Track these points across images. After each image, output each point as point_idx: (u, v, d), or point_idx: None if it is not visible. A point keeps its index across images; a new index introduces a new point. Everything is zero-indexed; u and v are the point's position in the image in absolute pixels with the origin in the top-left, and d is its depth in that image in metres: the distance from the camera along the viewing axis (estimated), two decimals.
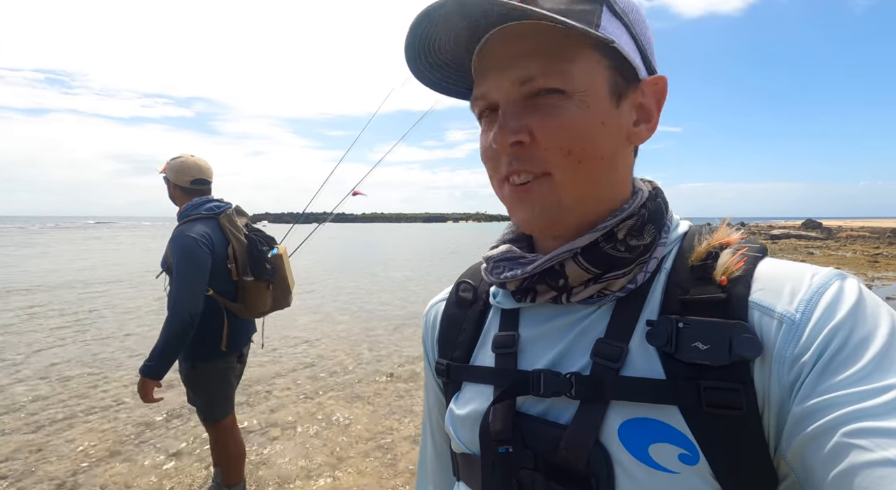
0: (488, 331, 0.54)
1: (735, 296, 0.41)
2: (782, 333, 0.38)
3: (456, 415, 0.53)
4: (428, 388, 0.65)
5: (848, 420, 0.33)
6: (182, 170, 2.13)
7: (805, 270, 0.41)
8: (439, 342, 0.59)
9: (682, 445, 0.39)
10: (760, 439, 0.38)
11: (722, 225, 0.47)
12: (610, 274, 0.45)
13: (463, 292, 0.59)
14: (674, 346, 0.41)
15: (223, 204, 2.16)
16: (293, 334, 6.12)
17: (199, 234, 1.96)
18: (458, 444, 0.52)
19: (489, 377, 0.51)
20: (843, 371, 0.35)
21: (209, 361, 2.07)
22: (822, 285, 0.39)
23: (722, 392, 0.38)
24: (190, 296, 1.89)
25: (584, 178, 0.44)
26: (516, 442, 0.45)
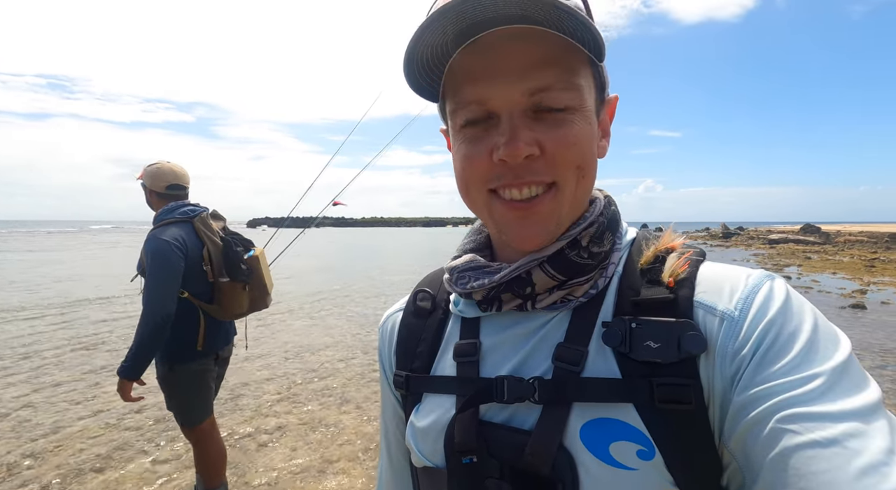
0: (449, 340, 0.54)
1: (681, 296, 0.43)
2: (723, 329, 0.40)
3: (417, 427, 0.51)
4: (385, 402, 0.63)
5: (781, 407, 0.35)
6: (157, 176, 2.17)
7: (741, 272, 0.44)
8: (397, 353, 0.57)
9: (639, 442, 0.40)
10: (707, 431, 0.40)
11: (667, 231, 0.50)
12: (574, 280, 0.46)
13: (421, 301, 0.58)
14: (628, 346, 0.42)
15: (198, 208, 2.19)
16: (285, 338, 6.10)
17: (172, 237, 2.00)
18: (420, 458, 0.51)
19: (451, 386, 0.50)
20: (776, 363, 0.37)
21: (185, 363, 2.08)
22: (756, 285, 0.42)
23: (673, 388, 0.40)
24: (162, 297, 1.92)
25: (583, 192, 0.46)
26: (481, 451, 0.45)
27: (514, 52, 0.41)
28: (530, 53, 0.40)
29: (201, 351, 2.09)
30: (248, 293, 2.22)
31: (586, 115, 0.43)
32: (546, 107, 0.42)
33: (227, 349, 2.30)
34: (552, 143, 0.42)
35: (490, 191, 0.46)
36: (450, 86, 0.45)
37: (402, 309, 0.60)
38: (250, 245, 2.30)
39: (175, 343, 2.01)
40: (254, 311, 2.29)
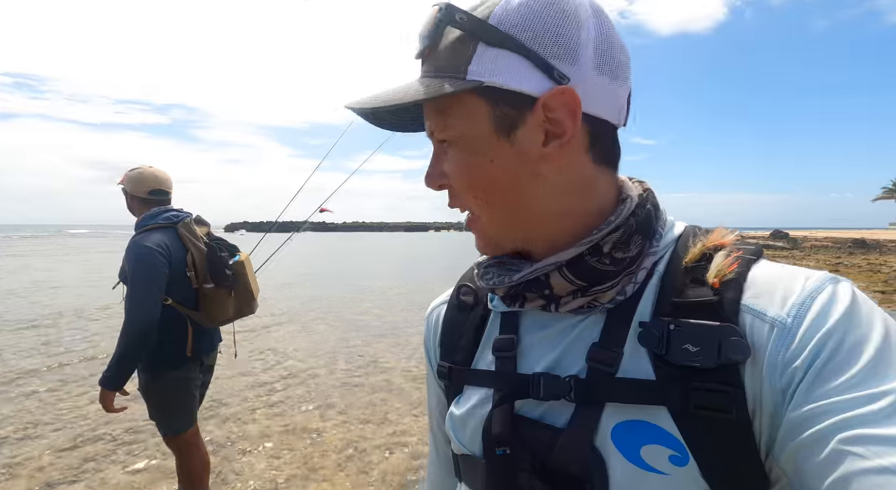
0: (489, 334, 0.55)
1: (727, 299, 0.41)
2: (773, 338, 0.38)
3: (456, 417, 0.53)
4: (430, 390, 0.65)
5: (843, 427, 0.32)
6: (139, 180, 2.14)
7: (798, 274, 0.41)
8: (441, 345, 0.59)
9: (672, 447, 0.39)
10: (751, 443, 0.38)
11: (718, 227, 0.47)
12: (596, 287, 0.45)
13: (464, 296, 0.59)
14: (664, 348, 0.41)
15: (182, 213, 2.16)
16: (267, 345, 6.01)
17: (155, 244, 1.97)
18: (458, 445, 0.53)
19: (489, 380, 0.51)
20: (837, 377, 0.34)
21: (170, 370, 2.05)
22: (815, 289, 0.39)
23: (710, 394, 0.38)
24: (145, 305, 1.88)
25: (494, 213, 0.47)
26: (514, 444, 0.46)
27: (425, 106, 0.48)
28: (426, 106, 0.47)
29: (189, 358, 2.06)
30: (233, 299, 2.20)
31: (468, 144, 0.45)
32: (439, 141, 0.47)
33: (212, 356, 2.27)
34: (448, 174, 0.47)
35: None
36: None
37: (446, 302, 0.62)
38: (235, 250, 2.28)
39: (159, 351, 1.98)
40: (240, 317, 2.27)
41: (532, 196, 0.46)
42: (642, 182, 0.52)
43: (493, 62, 0.41)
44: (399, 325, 7.27)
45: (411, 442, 3.35)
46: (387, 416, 3.83)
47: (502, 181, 0.45)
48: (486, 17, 0.42)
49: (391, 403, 4.09)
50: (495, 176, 0.45)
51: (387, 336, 6.58)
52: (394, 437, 3.44)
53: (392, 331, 6.87)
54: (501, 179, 0.45)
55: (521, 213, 0.47)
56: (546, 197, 0.46)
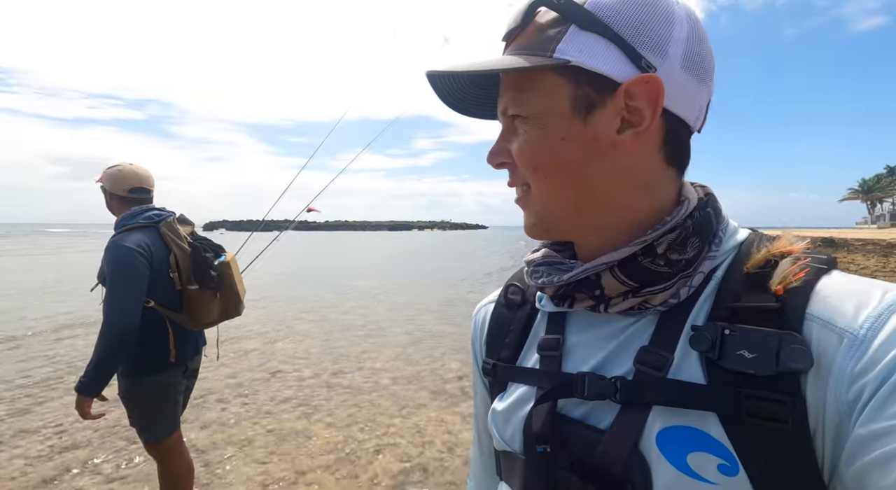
0: (536, 333, 0.55)
1: (790, 306, 0.39)
2: (843, 348, 0.36)
3: (498, 413, 0.53)
4: (476, 388, 0.66)
5: None
6: (119, 178, 2.05)
7: (875, 287, 0.39)
8: (487, 343, 0.60)
9: (721, 456, 0.38)
10: (810, 457, 0.36)
11: (785, 234, 0.45)
12: (648, 288, 0.44)
13: (512, 295, 0.60)
14: (717, 353, 0.39)
15: (164, 212, 2.08)
16: (251, 346, 5.90)
17: (136, 244, 1.89)
18: (499, 442, 0.53)
19: (533, 378, 0.51)
20: None
21: (152, 375, 1.98)
22: (894, 303, 0.36)
23: (765, 402, 0.36)
24: (124, 308, 1.80)
25: (554, 191, 0.47)
26: (554, 442, 0.46)
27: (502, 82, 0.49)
28: (504, 83, 0.48)
29: (173, 363, 1.99)
30: (218, 301, 2.13)
31: (540, 122, 0.45)
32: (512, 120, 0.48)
33: (196, 360, 2.20)
34: (514, 151, 0.47)
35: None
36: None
37: (493, 301, 0.63)
38: (221, 250, 2.21)
39: (140, 355, 1.90)
40: (225, 319, 2.20)
41: (595, 178, 0.45)
42: (704, 186, 0.51)
43: (583, 44, 0.42)
44: (384, 324, 7.23)
45: (401, 443, 3.33)
46: (375, 417, 3.79)
47: (569, 158, 0.45)
48: (583, 2, 0.43)
49: (379, 404, 4.06)
50: (563, 152, 0.45)
51: (372, 336, 6.53)
52: (383, 438, 3.41)
53: (378, 331, 6.82)
54: (568, 156, 0.45)
55: (580, 193, 0.46)
56: (610, 184, 0.46)
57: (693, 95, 0.45)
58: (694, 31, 0.45)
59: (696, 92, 0.45)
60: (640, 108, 0.43)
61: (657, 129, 0.44)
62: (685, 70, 0.43)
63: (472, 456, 0.69)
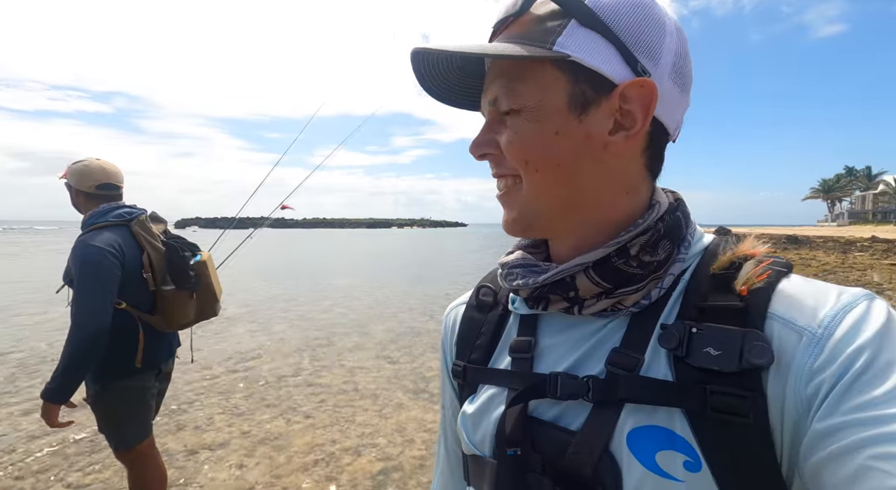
0: (507, 336, 0.55)
1: (753, 306, 0.40)
2: (802, 346, 0.37)
3: (468, 416, 0.53)
4: (444, 391, 0.65)
5: (873, 442, 0.31)
6: (85, 174, 1.95)
7: (831, 289, 0.41)
8: (457, 345, 0.59)
9: (685, 452, 0.39)
10: (769, 452, 0.37)
11: (749, 238, 0.46)
12: (622, 289, 0.45)
13: (483, 296, 0.59)
14: (685, 350, 0.40)
15: (135, 210, 2.00)
16: (226, 346, 5.75)
17: (106, 243, 1.80)
18: (469, 446, 0.53)
19: (505, 379, 0.51)
20: (868, 391, 0.33)
21: (121, 380, 1.90)
22: (849, 304, 0.38)
23: (728, 397, 0.37)
24: (94, 310, 1.71)
25: (543, 185, 0.46)
26: (526, 445, 0.46)
27: (490, 72, 0.48)
28: (492, 71, 0.47)
29: (140, 367, 1.92)
30: (194, 301, 2.06)
31: (535, 115, 0.44)
32: (503, 112, 0.46)
33: (170, 363, 2.12)
34: (502, 143, 0.47)
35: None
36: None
37: (465, 302, 0.62)
38: (196, 249, 2.13)
39: (111, 359, 1.82)
40: (201, 320, 2.13)
41: (585, 177, 0.46)
42: (674, 192, 0.53)
43: (582, 40, 0.42)
44: (364, 323, 7.16)
45: (380, 443, 3.31)
46: (354, 417, 3.76)
47: (561, 153, 0.45)
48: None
49: (358, 404, 4.02)
50: (556, 146, 0.44)
51: (352, 335, 6.47)
52: (362, 438, 3.39)
53: (357, 329, 6.75)
54: (561, 151, 0.44)
55: (570, 190, 0.46)
56: (598, 184, 0.46)
57: (677, 105, 0.46)
58: (681, 42, 0.46)
59: (679, 102, 0.46)
60: (632, 111, 0.44)
61: (643, 133, 0.45)
62: (672, 79, 0.45)
63: (438, 456, 0.68)
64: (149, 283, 1.93)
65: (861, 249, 18.33)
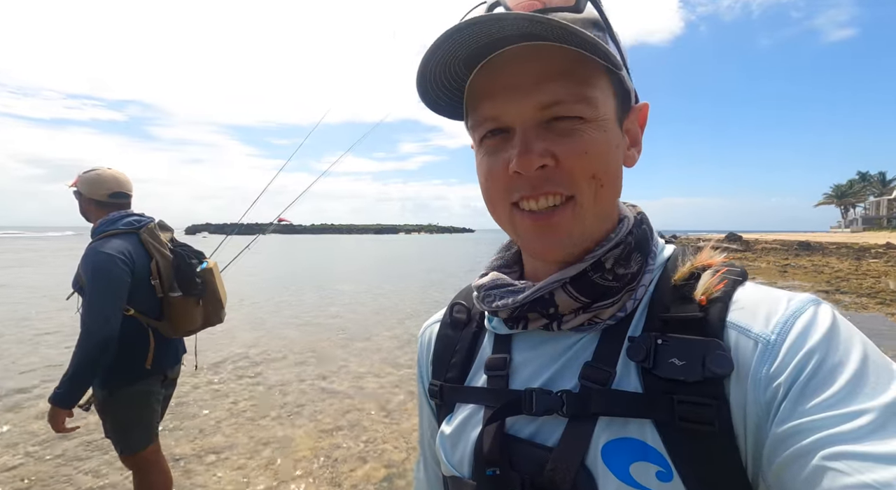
0: (482, 353, 0.54)
1: (712, 315, 0.41)
2: (758, 353, 0.38)
3: (446, 436, 0.52)
4: (422, 411, 0.64)
5: (825, 444, 0.33)
6: (98, 182, 2.00)
7: (782, 295, 0.42)
8: (433, 364, 0.59)
9: (657, 463, 0.39)
10: (735, 458, 0.38)
11: (706, 248, 0.48)
12: (599, 303, 0.45)
13: (457, 313, 0.59)
14: (652, 362, 0.41)
15: (144, 218, 2.04)
16: (233, 351, 5.78)
17: (116, 250, 1.84)
18: (447, 467, 0.52)
19: (481, 397, 0.51)
20: (818, 395, 0.35)
21: (129, 385, 1.92)
22: (798, 310, 0.39)
23: (693, 406, 0.38)
24: (104, 317, 1.74)
25: (603, 202, 0.45)
26: (504, 464, 0.45)
27: (525, 67, 0.41)
28: (541, 68, 0.41)
29: (149, 370, 1.94)
30: (201, 308, 2.09)
31: (602, 125, 0.42)
32: (559, 118, 0.42)
33: (176, 369, 2.15)
34: (564, 153, 0.42)
35: (513, 204, 0.46)
36: (470, 104, 0.46)
37: (439, 320, 0.62)
38: (202, 257, 2.17)
39: (119, 365, 1.85)
40: (207, 326, 2.16)
41: (618, 194, 0.47)
42: (634, 205, 0.54)
43: (618, 56, 0.42)
44: (370, 329, 7.17)
45: (385, 449, 3.30)
46: (359, 422, 3.76)
47: (616, 170, 0.45)
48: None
49: (364, 410, 4.01)
50: (616, 160, 0.45)
51: (358, 340, 6.47)
52: (367, 444, 3.38)
53: (363, 335, 6.76)
54: (616, 168, 0.45)
55: (613, 207, 0.48)
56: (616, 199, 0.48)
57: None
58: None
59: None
60: (634, 131, 0.47)
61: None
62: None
63: (417, 480, 0.66)
64: (157, 290, 1.96)
65: (875, 256, 18.01)
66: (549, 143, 0.42)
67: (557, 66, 0.41)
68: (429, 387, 0.58)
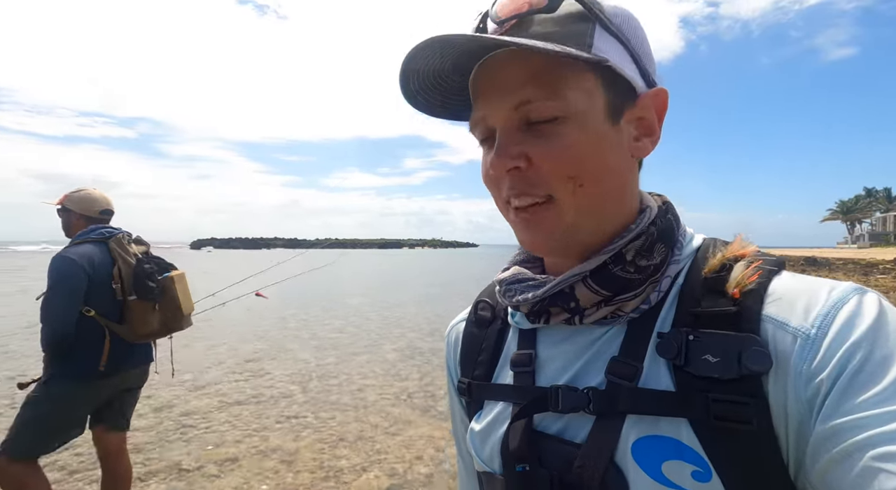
0: (508, 350, 0.54)
1: (747, 309, 0.39)
2: (797, 349, 0.36)
3: (476, 433, 0.52)
4: (453, 408, 0.63)
5: (875, 443, 0.31)
6: (91, 200, 2.23)
7: (822, 285, 0.39)
8: (461, 362, 0.59)
9: (694, 463, 0.37)
10: (776, 457, 0.36)
11: (737, 238, 0.46)
12: (621, 296, 0.44)
13: (482, 311, 0.58)
14: (683, 359, 0.39)
15: (115, 230, 2.23)
16: (236, 363, 5.80)
17: (78, 255, 2.01)
18: (479, 463, 0.52)
19: (508, 394, 0.50)
20: (866, 390, 0.33)
21: (71, 381, 2.00)
22: (840, 300, 0.37)
23: (730, 405, 0.37)
24: (56, 314, 1.92)
25: (587, 201, 0.43)
26: (533, 460, 0.45)
27: (504, 71, 0.42)
28: (517, 70, 0.41)
29: (101, 372, 2.03)
30: (157, 313, 2.19)
31: (583, 124, 0.41)
32: (535, 119, 0.42)
33: (133, 375, 2.21)
34: (538, 155, 0.42)
35: (505, 200, 0.46)
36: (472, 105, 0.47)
37: (464, 319, 0.61)
38: (170, 267, 2.30)
39: (68, 360, 1.98)
40: (167, 333, 2.25)
41: (622, 189, 0.45)
42: (661, 195, 0.52)
43: (610, 47, 0.41)
44: (374, 341, 7.16)
45: (388, 459, 3.29)
46: (362, 433, 3.74)
47: (607, 167, 0.43)
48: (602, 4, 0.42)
49: (367, 421, 4.00)
50: (603, 160, 0.42)
51: (362, 353, 6.47)
52: (371, 455, 3.36)
53: (368, 348, 6.76)
54: (607, 165, 0.43)
55: (609, 203, 0.45)
56: (626, 192, 0.46)
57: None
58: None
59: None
60: (648, 119, 0.45)
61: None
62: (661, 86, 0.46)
63: (460, 476, 0.66)
64: (116, 293, 2.09)
65: (883, 272, 17.82)
66: (525, 146, 0.42)
67: (532, 68, 0.41)
68: (458, 384, 0.58)
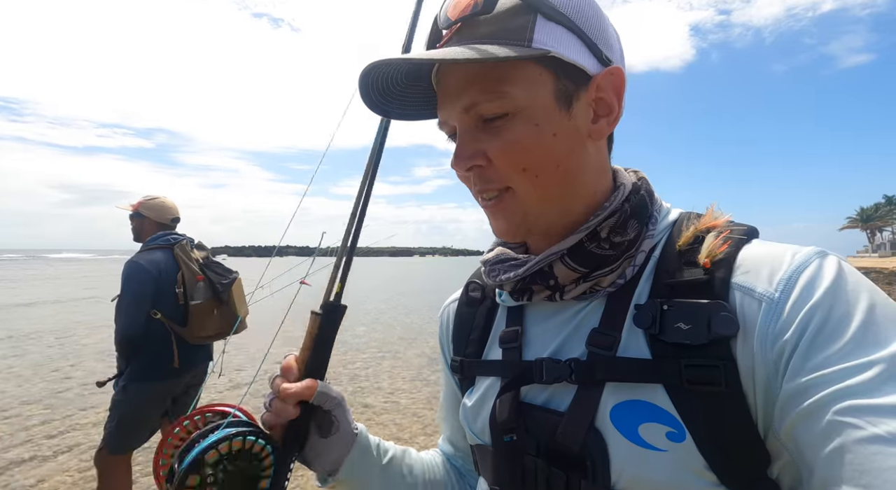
0: (497, 327, 0.56)
1: (717, 278, 0.41)
2: (762, 312, 0.38)
3: (468, 408, 0.55)
4: (445, 385, 0.67)
5: (837, 398, 0.32)
6: (164, 208, 2.42)
7: (786, 250, 0.41)
8: (453, 341, 0.61)
9: (668, 424, 0.40)
10: (745, 416, 0.38)
11: (709, 210, 0.48)
12: (598, 272, 0.46)
13: (472, 292, 0.61)
14: (658, 328, 0.41)
15: (179, 236, 2.43)
16: (265, 368, 5.94)
17: (146, 260, 2.19)
18: (472, 436, 0.55)
19: (497, 370, 0.53)
20: (827, 348, 0.34)
21: (146, 383, 2.17)
22: (802, 264, 0.39)
23: (701, 369, 0.39)
24: (127, 316, 2.10)
25: (544, 189, 0.45)
26: (520, 430, 0.47)
27: (449, 78, 0.45)
28: (459, 77, 0.44)
29: (175, 370, 2.21)
30: (216, 317, 2.34)
31: (531, 117, 0.42)
32: (487, 117, 0.43)
33: (193, 373, 2.37)
34: (493, 152, 0.44)
35: (476, 193, 0.49)
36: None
37: (457, 299, 0.64)
38: (231, 272, 2.48)
39: (141, 363, 2.14)
40: (223, 336, 2.40)
41: (581, 171, 0.46)
42: (636, 171, 0.53)
43: (553, 35, 0.42)
44: (398, 347, 7.27)
45: None
46: (399, 434, 3.84)
47: (560, 152, 0.44)
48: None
49: (401, 424, 4.09)
50: (556, 149, 0.44)
51: (387, 358, 6.57)
52: None
53: (392, 353, 6.86)
54: (561, 152, 0.44)
55: (569, 187, 0.46)
56: (589, 174, 0.47)
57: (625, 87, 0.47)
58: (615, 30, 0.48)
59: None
60: (606, 98, 0.45)
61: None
62: (622, 63, 0.47)
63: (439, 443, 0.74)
64: (179, 298, 2.26)
65: None
66: (482, 143, 0.44)
67: (471, 72, 0.43)
68: (451, 362, 0.61)
